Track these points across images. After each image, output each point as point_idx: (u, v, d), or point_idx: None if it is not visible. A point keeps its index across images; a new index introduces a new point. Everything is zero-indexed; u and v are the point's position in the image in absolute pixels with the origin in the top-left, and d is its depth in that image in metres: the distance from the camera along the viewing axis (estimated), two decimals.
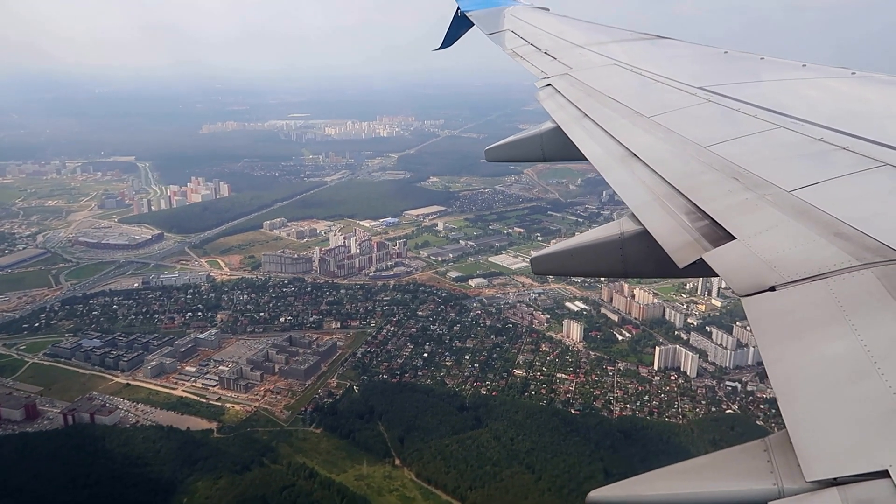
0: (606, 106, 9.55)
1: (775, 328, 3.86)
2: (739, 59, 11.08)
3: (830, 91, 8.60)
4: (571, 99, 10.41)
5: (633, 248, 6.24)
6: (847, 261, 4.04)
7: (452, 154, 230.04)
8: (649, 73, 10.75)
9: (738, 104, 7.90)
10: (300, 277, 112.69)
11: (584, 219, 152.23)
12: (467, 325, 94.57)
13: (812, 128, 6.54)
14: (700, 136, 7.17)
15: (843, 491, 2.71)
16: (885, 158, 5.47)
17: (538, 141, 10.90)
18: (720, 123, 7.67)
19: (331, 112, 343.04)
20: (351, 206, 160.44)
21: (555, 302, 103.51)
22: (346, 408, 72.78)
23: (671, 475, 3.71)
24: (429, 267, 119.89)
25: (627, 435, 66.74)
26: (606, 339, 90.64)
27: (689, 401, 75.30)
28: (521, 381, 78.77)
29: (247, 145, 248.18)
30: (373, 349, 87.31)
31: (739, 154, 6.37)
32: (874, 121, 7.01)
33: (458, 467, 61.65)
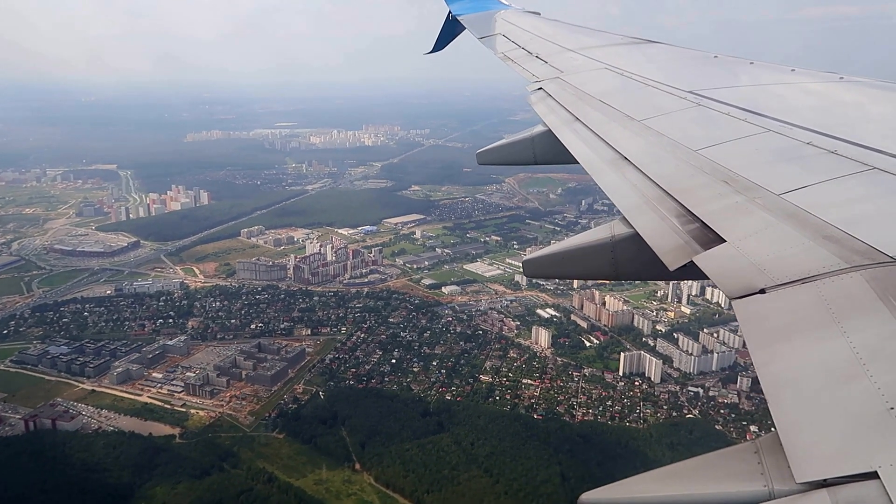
0: (597, 109, 9.65)
1: (765, 330, 3.89)
2: (729, 63, 11.22)
3: (819, 96, 8.76)
4: (562, 102, 10.49)
5: (624, 251, 6.22)
6: (836, 263, 4.06)
7: (435, 163, 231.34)
8: (639, 76, 10.88)
9: (727, 108, 8.01)
10: (274, 285, 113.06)
11: (561, 227, 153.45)
12: (437, 331, 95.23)
13: (801, 132, 6.63)
14: (690, 140, 7.25)
15: (833, 492, 2.71)
16: (872, 162, 5.53)
17: (529, 144, 10.97)
18: (710, 127, 7.77)
19: (318, 121, 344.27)
20: (330, 214, 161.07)
21: (526, 309, 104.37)
22: (310, 413, 73.14)
23: (662, 477, 3.75)
24: (403, 274, 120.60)
25: (587, 439, 67.51)
26: (574, 346, 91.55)
27: (650, 406, 76.24)
28: (486, 387, 79.52)
29: (230, 154, 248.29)
30: (341, 355, 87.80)
31: (729, 157, 6.43)
32: (862, 125, 7.13)
33: (417, 471, 62.18)
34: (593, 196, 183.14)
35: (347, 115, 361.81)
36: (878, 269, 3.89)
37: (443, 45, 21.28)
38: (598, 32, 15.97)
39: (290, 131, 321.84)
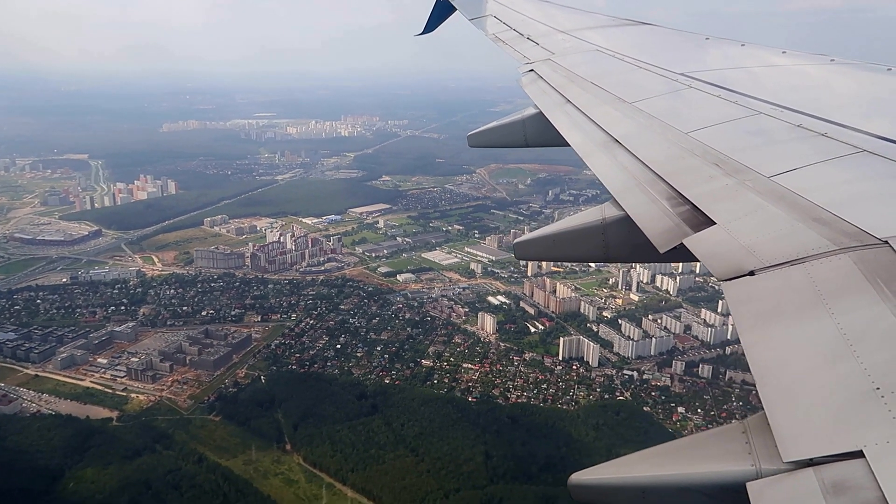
0: (589, 92, 9.60)
1: (754, 312, 3.92)
2: (720, 45, 11.22)
3: (810, 78, 8.77)
4: (554, 84, 10.41)
5: (615, 234, 6.25)
6: (825, 245, 4.10)
7: (409, 154, 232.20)
8: (631, 58, 10.82)
9: (718, 90, 8.02)
10: (231, 273, 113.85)
11: (525, 217, 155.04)
12: (386, 318, 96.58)
13: (791, 114, 6.65)
14: (681, 122, 7.27)
15: (819, 471, 2.76)
16: (862, 145, 5.56)
17: (520, 127, 10.84)
18: (701, 109, 7.78)
19: (297, 111, 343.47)
20: (297, 203, 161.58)
21: (478, 296, 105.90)
22: (248, 397, 74.37)
23: (651, 457, 3.81)
24: (361, 263, 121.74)
25: (515, 420, 69.20)
26: (520, 332, 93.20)
27: (585, 388, 78.08)
28: (426, 371, 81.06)
29: (205, 144, 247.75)
30: (288, 341, 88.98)
31: (720, 140, 6.46)
32: (852, 108, 7.17)
33: (345, 451, 63.66)
34: (561, 186, 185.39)
35: (328, 106, 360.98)
36: (866, 250, 3.91)
37: (433, 27, 20.75)
38: (591, 14, 15.80)
39: (267, 122, 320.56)
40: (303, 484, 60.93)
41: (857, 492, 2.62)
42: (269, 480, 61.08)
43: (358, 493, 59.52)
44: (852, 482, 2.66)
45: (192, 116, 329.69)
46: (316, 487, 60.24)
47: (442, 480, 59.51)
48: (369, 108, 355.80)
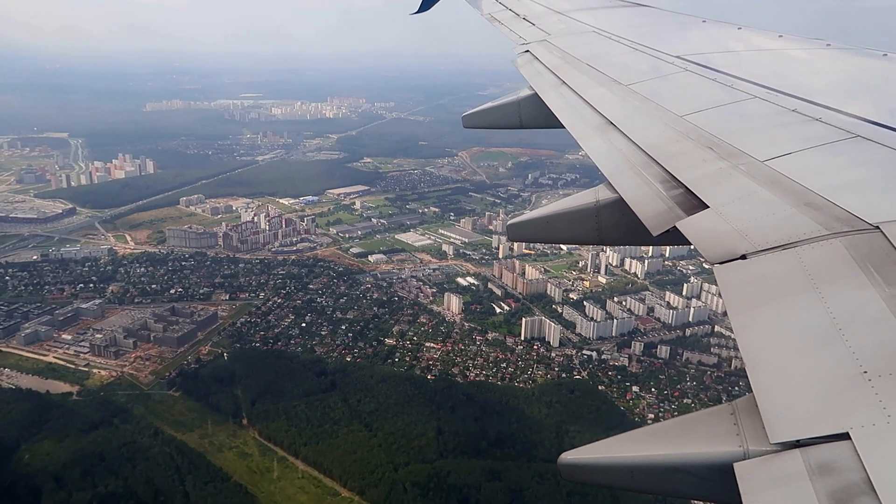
0: (584, 73, 9.59)
1: (745, 295, 3.95)
2: (717, 28, 11.21)
3: (805, 62, 8.75)
4: (549, 66, 10.36)
5: (609, 216, 6.26)
6: (817, 230, 4.12)
7: (392, 136, 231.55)
8: (628, 40, 10.81)
9: (714, 73, 8.02)
10: (202, 252, 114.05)
11: (502, 200, 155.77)
12: (354, 298, 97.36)
13: (786, 98, 6.66)
14: (676, 105, 7.27)
15: (806, 452, 2.80)
16: (856, 130, 5.56)
17: (516, 108, 10.74)
18: (696, 93, 7.76)
19: (284, 92, 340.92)
20: (275, 184, 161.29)
21: (447, 278, 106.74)
22: (208, 373, 75.15)
23: (640, 437, 3.91)
24: (334, 243, 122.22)
25: (470, 398, 70.40)
26: (485, 312, 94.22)
27: (543, 368, 79.37)
28: (388, 350, 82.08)
29: (187, 124, 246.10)
30: (254, 319, 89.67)
31: (714, 123, 6.47)
32: (847, 93, 7.18)
33: (299, 426, 64.68)
34: (541, 170, 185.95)
35: (315, 88, 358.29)
36: (857, 236, 3.95)
37: (428, 6, 20.48)
38: None
39: (253, 102, 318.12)
40: (256, 457, 61.95)
41: (842, 473, 2.64)
42: (224, 454, 62.04)
43: (309, 465, 60.63)
44: (838, 464, 2.68)
45: (177, 96, 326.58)
46: (269, 461, 61.27)
47: (392, 454, 60.70)
48: (357, 91, 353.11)
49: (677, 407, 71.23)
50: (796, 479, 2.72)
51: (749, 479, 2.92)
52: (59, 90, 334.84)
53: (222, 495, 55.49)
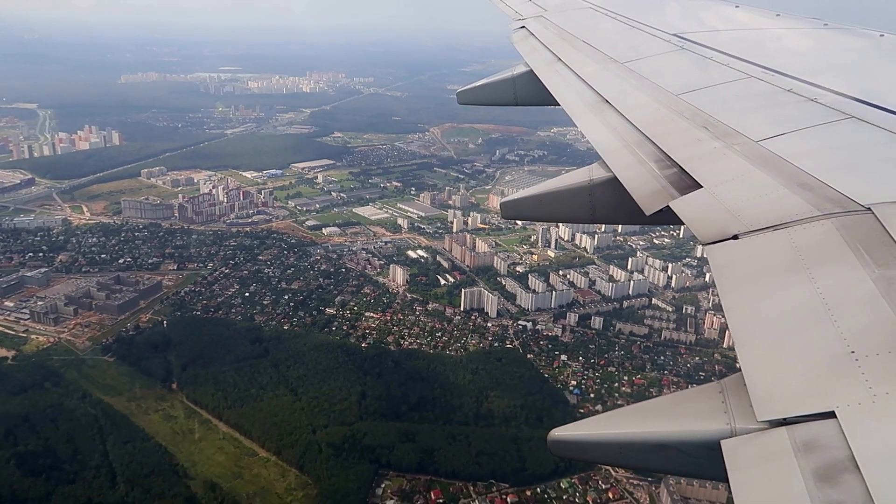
0: (580, 50, 9.55)
1: (736, 275, 3.98)
2: (714, 6, 11.25)
3: (802, 42, 8.70)
4: (545, 42, 10.34)
5: (602, 195, 6.26)
6: (809, 211, 4.15)
7: (366, 111, 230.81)
8: (624, 17, 10.78)
9: (710, 52, 8.01)
10: (157, 223, 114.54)
11: (465, 175, 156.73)
12: (302, 269, 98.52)
13: (782, 78, 6.65)
14: (672, 84, 7.27)
15: (792, 430, 2.85)
16: (850, 111, 5.57)
17: (510, 85, 10.65)
18: (692, 71, 7.78)
19: (264, 66, 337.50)
20: (240, 157, 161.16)
21: (398, 250, 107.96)
22: (144, 340, 76.33)
23: (629, 415, 3.95)
24: (290, 216, 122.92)
25: (399, 364, 72.10)
26: (430, 284, 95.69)
27: (478, 337, 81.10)
28: (327, 319, 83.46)
29: (160, 97, 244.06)
30: (198, 289, 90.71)
31: (710, 103, 6.48)
32: (842, 73, 7.16)
33: (226, 390, 66.20)
34: (509, 147, 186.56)
35: (297, 62, 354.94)
36: (849, 216, 3.98)
37: None
38: None
39: (231, 76, 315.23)
40: (181, 420, 63.48)
41: (827, 451, 2.68)
42: (149, 416, 63.52)
43: (231, 427, 62.27)
44: (823, 441, 2.73)
45: (155, 68, 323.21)
46: (192, 423, 62.83)
47: (313, 417, 62.45)
48: (338, 66, 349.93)
49: (601, 375, 73.26)
50: (782, 457, 2.76)
51: (736, 456, 2.97)
52: (32, 60, 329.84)
53: (141, 455, 57.07)
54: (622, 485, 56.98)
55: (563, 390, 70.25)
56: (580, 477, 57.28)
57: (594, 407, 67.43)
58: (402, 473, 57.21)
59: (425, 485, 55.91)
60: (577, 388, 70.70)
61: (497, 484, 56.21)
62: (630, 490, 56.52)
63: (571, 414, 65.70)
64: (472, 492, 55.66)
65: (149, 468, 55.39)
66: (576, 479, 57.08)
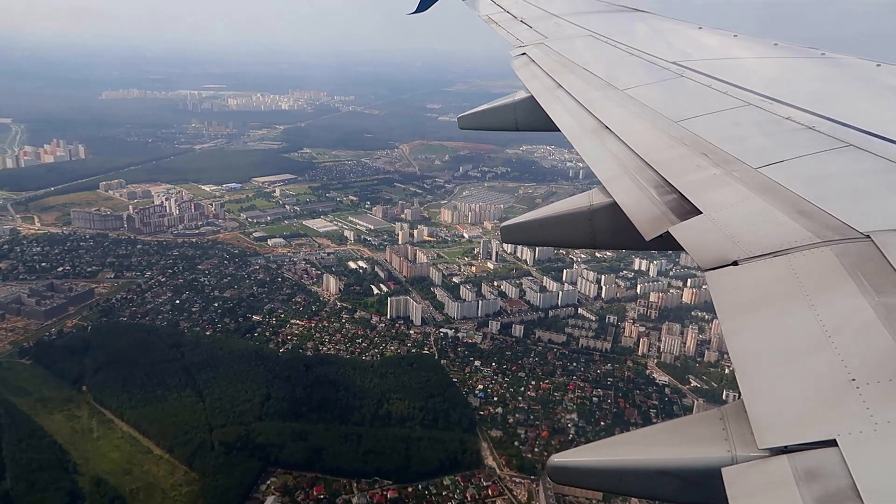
0: (581, 77, 9.75)
1: (735, 301, 4.00)
2: (713, 35, 11.49)
3: (799, 71, 8.87)
4: (546, 69, 10.55)
5: (602, 220, 6.33)
6: (808, 238, 4.17)
7: (340, 129, 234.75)
8: (624, 45, 11.05)
9: (709, 80, 8.15)
10: (105, 234, 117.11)
11: (424, 190, 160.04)
12: (238, 278, 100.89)
13: (780, 107, 6.78)
14: (671, 111, 7.39)
15: (793, 458, 2.86)
16: (848, 139, 5.64)
17: (511, 110, 10.85)
18: (691, 99, 7.89)
19: (249, 84, 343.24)
20: (203, 172, 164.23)
21: (339, 261, 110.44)
22: (64, 344, 78.42)
23: (630, 441, 3.96)
24: (239, 228, 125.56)
25: (309, 368, 74.15)
26: (363, 293, 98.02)
27: (397, 343, 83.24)
28: (251, 326, 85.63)
29: (137, 113, 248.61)
30: (131, 296, 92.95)
31: (709, 130, 6.56)
32: (840, 102, 7.27)
33: (132, 391, 68.17)
34: (474, 163, 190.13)
35: (282, 80, 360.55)
36: (848, 244, 3.99)
37: (426, 6, 20.41)
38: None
39: (213, 93, 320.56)
40: (84, 420, 65.39)
41: (829, 479, 2.68)
42: (53, 416, 65.43)
43: (131, 427, 64.21)
44: (825, 470, 2.72)
45: (138, 85, 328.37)
46: (94, 423, 64.69)
47: (212, 417, 64.42)
48: (321, 84, 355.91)
49: (510, 380, 75.25)
50: (783, 485, 2.76)
51: (737, 484, 2.97)
52: (16, 76, 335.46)
53: (33, 451, 58.88)
54: (504, 482, 58.78)
55: (468, 394, 72.22)
56: (463, 475, 59.12)
57: (494, 409, 69.50)
58: (289, 471, 59.06)
59: (310, 481, 57.73)
60: (482, 391, 72.71)
61: (380, 481, 58.03)
62: (510, 487, 58.29)
63: (468, 416, 67.80)
64: (355, 488, 57.46)
65: (38, 464, 57.17)
66: (459, 476, 58.93)
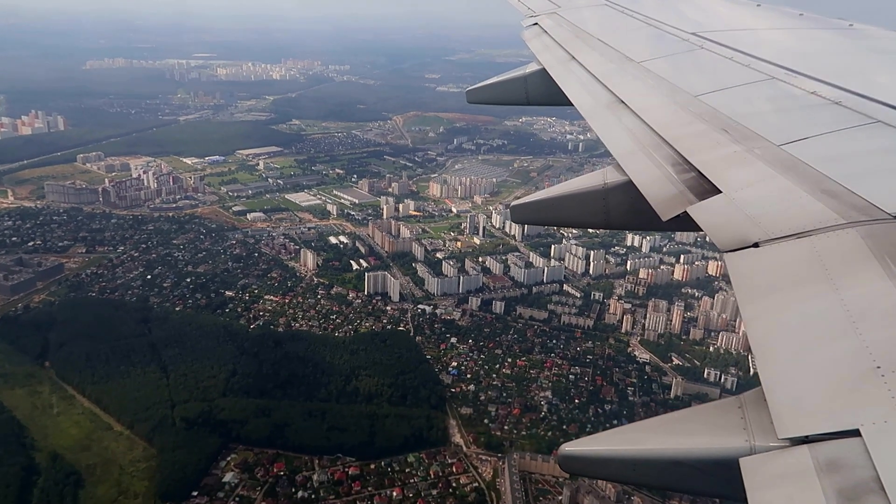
0: (595, 49, 9.63)
1: (756, 285, 3.98)
2: (735, 4, 11.36)
3: (826, 43, 8.69)
4: (559, 40, 10.42)
5: (617, 199, 6.30)
6: (833, 219, 4.12)
7: (332, 99, 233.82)
8: (641, 15, 10.85)
9: (731, 52, 8.03)
10: (79, 207, 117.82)
11: (415, 164, 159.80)
12: (214, 253, 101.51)
13: (805, 80, 6.64)
14: (691, 85, 7.31)
15: (814, 448, 2.83)
16: (876, 115, 5.53)
17: (522, 83, 10.68)
18: (712, 72, 7.78)
19: (240, 54, 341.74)
20: (186, 144, 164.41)
21: (319, 236, 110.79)
22: (30, 319, 79.42)
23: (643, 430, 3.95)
24: (219, 201, 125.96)
25: (279, 344, 74.87)
26: (342, 269, 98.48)
27: (372, 320, 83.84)
28: (223, 301, 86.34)
29: (122, 83, 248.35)
30: (101, 271, 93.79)
31: (730, 104, 6.50)
32: (868, 76, 7.08)
33: (95, 367, 69.13)
34: (470, 136, 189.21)
35: (276, 49, 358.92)
36: (875, 225, 3.96)
37: None
38: None
39: (203, 62, 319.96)
40: (45, 395, 66.46)
41: (851, 471, 2.66)
42: (14, 391, 66.49)
43: (92, 402, 65.21)
44: (847, 461, 2.70)
45: (125, 55, 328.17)
46: (55, 398, 65.80)
47: (175, 393, 65.32)
48: (317, 53, 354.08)
49: (486, 357, 75.77)
50: (804, 476, 2.73)
51: (755, 474, 2.95)
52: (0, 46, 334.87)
53: None
54: (469, 460, 59.60)
55: (440, 371, 72.85)
56: (428, 452, 59.94)
57: (467, 387, 70.17)
58: (250, 447, 60.01)
59: (270, 458, 58.69)
60: (456, 368, 73.32)
61: (343, 458, 58.94)
62: (476, 465, 59.10)
63: (438, 393, 68.48)
64: (316, 465, 58.39)
65: None
66: (423, 454, 59.76)
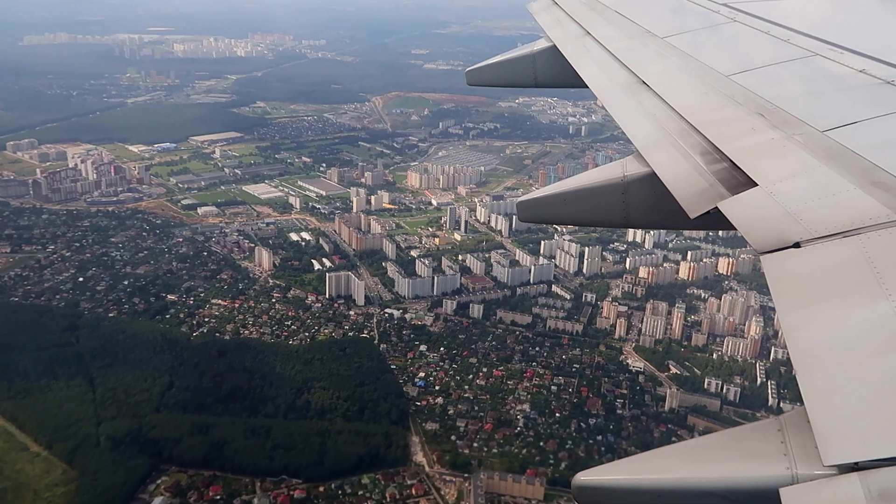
0: (613, 23, 9.66)
1: (797, 290, 3.98)
2: None
3: (877, 14, 8.57)
4: (571, 13, 10.50)
5: (638, 194, 6.28)
6: (885, 215, 4.13)
7: (302, 79, 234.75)
8: None
9: (767, 25, 7.97)
10: (6, 201, 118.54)
11: (393, 150, 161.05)
12: (157, 252, 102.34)
13: (853, 57, 6.59)
14: (721, 63, 7.29)
15: (865, 477, 2.79)
16: None
17: (530, 63, 10.60)
18: (745, 48, 7.79)
19: (201, 28, 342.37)
20: (133, 130, 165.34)
21: (279, 232, 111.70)
22: None
23: (668, 456, 3.95)
24: (167, 194, 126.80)
25: (223, 354, 75.67)
26: (302, 269, 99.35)
27: (333, 326, 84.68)
28: (163, 306, 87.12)
29: (63, 61, 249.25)
30: (27, 273, 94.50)
31: (767, 85, 6.48)
32: None
33: (13, 380, 69.81)
34: (458, 119, 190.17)
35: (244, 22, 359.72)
36: None
37: None
38: None
39: (158, 37, 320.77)
40: None
41: None
42: None
43: (7, 420, 65.82)
44: None
45: (70, 29, 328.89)
46: None
47: (102, 409, 66.06)
48: (289, 26, 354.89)
49: (459, 366, 76.60)
50: None
51: None
52: None
53: None
54: (432, 480, 60.42)
55: (405, 382, 73.66)
56: (385, 473, 60.72)
57: (434, 399, 71.01)
58: (184, 468, 60.77)
59: (206, 480, 59.44)
60: (423, 380, 74.15)
61: (288, 479, 59.71)
62: (439, 486, 59.91)
63: (401, 407, 69.29)
64: (258, 487, 59.17)
65: None
66: (380, 474, 60.53)
